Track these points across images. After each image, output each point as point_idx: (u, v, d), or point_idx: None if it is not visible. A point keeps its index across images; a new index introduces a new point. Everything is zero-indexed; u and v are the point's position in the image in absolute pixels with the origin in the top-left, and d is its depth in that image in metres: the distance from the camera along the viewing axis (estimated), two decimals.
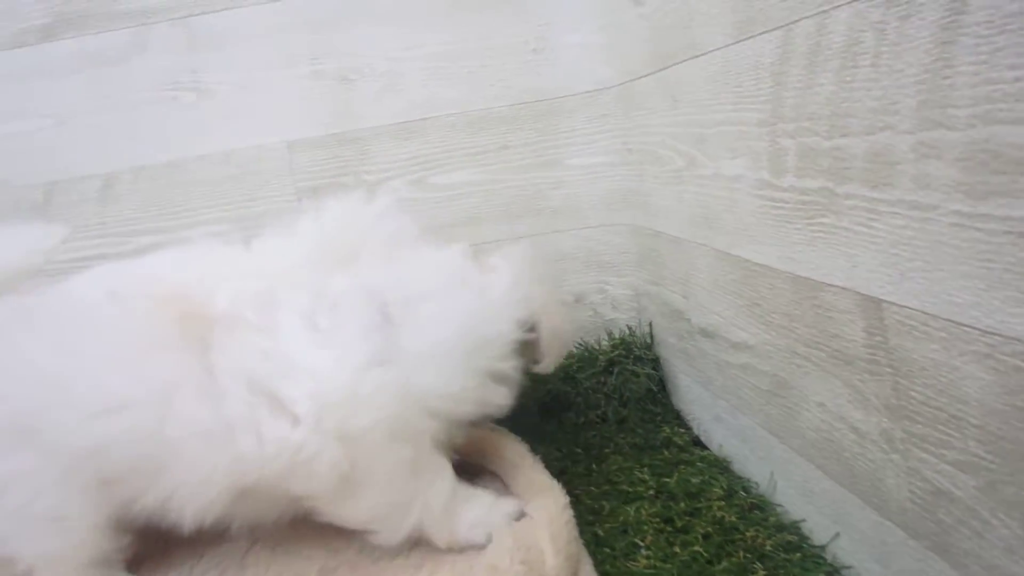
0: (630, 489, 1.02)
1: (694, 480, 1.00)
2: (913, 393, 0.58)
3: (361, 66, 1.37)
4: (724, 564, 0.82)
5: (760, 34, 0.72)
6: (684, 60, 0.93)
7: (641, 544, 0.89)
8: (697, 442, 1.13)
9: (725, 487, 0.97)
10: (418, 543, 0.86)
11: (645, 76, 1.11)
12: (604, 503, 1.00)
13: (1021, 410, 0.48)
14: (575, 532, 0.83)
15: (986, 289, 0.48)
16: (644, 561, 0.86)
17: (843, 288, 0.65)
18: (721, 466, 1.03)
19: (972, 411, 0.52)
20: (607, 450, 1.16)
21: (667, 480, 1.02)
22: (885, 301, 0.59)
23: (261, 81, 1.38)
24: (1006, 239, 0.46)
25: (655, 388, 1.26)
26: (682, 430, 1.16)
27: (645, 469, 1.06)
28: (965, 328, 0.51)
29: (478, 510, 0.85)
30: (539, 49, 1.34)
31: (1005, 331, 0.47)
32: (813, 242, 0.68)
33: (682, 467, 1.05)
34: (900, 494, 0.63)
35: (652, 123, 1.13)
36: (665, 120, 1.06)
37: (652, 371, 1.27)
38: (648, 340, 1.31)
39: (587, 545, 0.88)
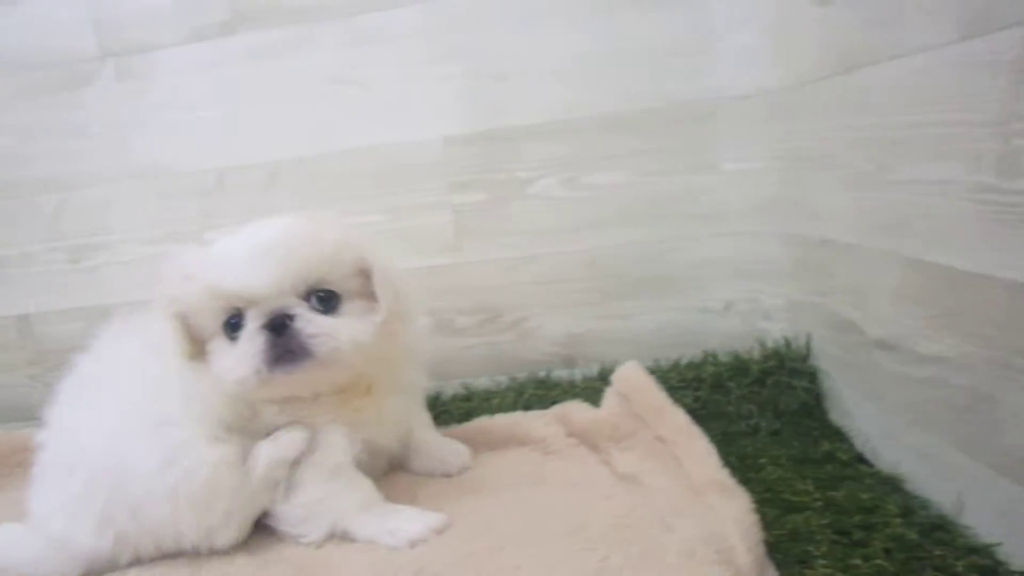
0: (794, 499, 0.96)
1: (864, 496, 0.93)
2: None
3: (517, 65, 1.35)
4: None
5: (998, 30, 0.66)
6: (880, 61, 0.87)
7: (816, 553, 0.83)
8: (861, 459, 1.06)
9: (900, 505, 0.90)
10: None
11: (821, 80, 1.05)
12: (766, 510, 0.94)
13: None
14: (761, 536, 0.78)
15: None
16: (822, 570, 0.80)
17: None
18: (893, 484, 0.96)
19: None
20: (762, 460, 1.09)
21: (834, 494, 0.95)
22: None
23: (419, 78, 1.38)
24: None
25: (811, 402, 1.20)
26: (844, 446, 1.09)
27: (808, 481, 1.00)
28: None
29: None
30: (699, 51, 1.30)
31: None
32: None
33: (848, 482, 0.98)
34: None
35: (825, 127, 1.07)
36: (844, 124, 1.00)
37: (809, 384, 1.20)
38: (804, 352, 1.24)
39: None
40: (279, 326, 0.86)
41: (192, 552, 0.92)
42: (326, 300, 0.90)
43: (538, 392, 1.32)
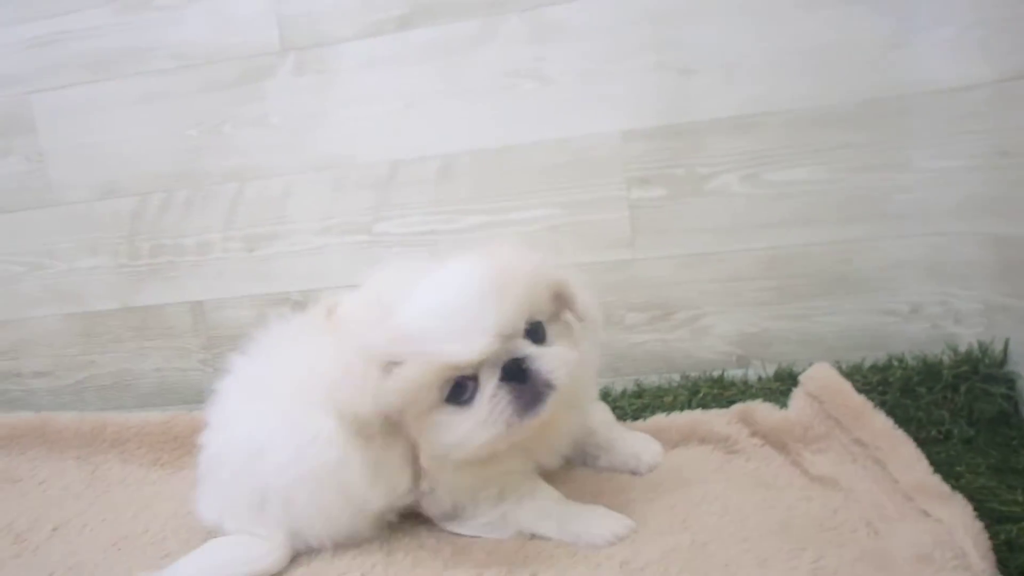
0: (1003, 508, 0.93)
1: None
2: None
3: (703, 58, 1.36)
4: None
5: None
6: None
7: None
8: None
9: None
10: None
11: None
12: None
13: None
14: (990, 543, 0.77)
15: None
16: None
17: None
18: None
19: None
20: (958, 468, 1.06)
21: None
22: None
23: (600, 71, 1.41)
24: None
25: (1010, 409, 1.16)
26: None
27: (1017, 491, 0.97)
28: None
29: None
30: (898, 44, 1.27)
31: None
32: None
33: None
34: None
35: None
36: None
37: (1007, 391, 1.16)
38: (1000, 358, 1.20)
39: None
40: (519, 372, 0.84)
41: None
42: (535, 332, 0.90)
43: (713, 391, 1.32)
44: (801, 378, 1.17)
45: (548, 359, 0.86)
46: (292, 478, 0.93)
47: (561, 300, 0.95)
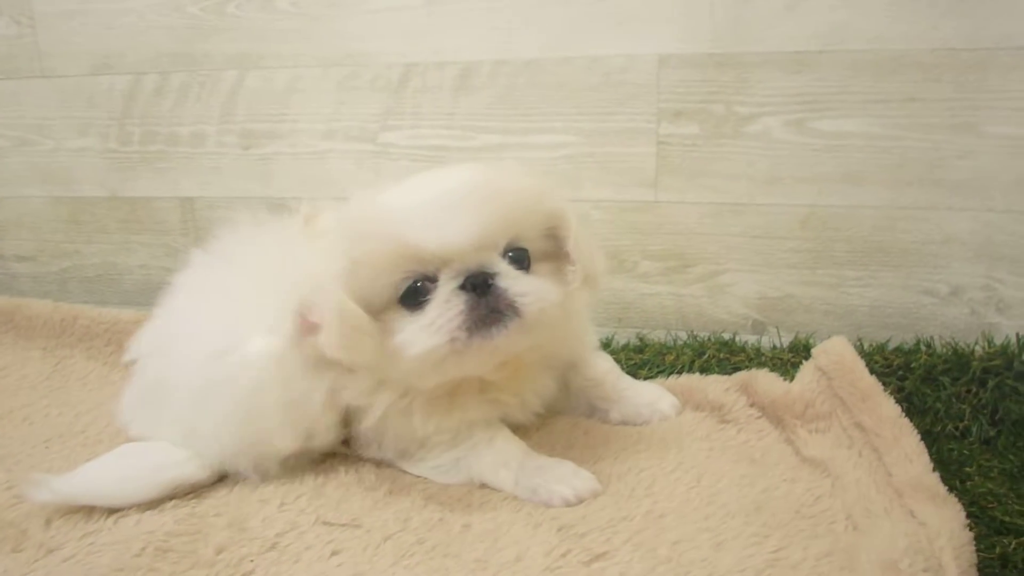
0: (1006, 519, 0.94)
1: None
2: None
3: None
4: None
5: None
6: None
7: None
8: None
9: None
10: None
11: None
12: (971, 528, 0.92)
13: None
14: (975, 557, 0.77)
15: None
16: None
17: None
18: None
19: None
20: (969, 469, 1.07)
21: None
22: None
23: None
24: None
25: None
26: None
27: None
28: None
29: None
30: None
31: None
32: None
33: None
34: None
35: None
36: None
37: None
38: None
39: None
40: (481, 285, 0.84)
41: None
42: (518, 260, 0.89)
43: (720, 355, 1.33)
44: (814, 351, 1.16)
45: (520, 283, 0.86)
46: (199, 388, 0.95)
47: (555, 237, 0.94)
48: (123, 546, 0.86)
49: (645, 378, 1.25)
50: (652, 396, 1.12)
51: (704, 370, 1.28)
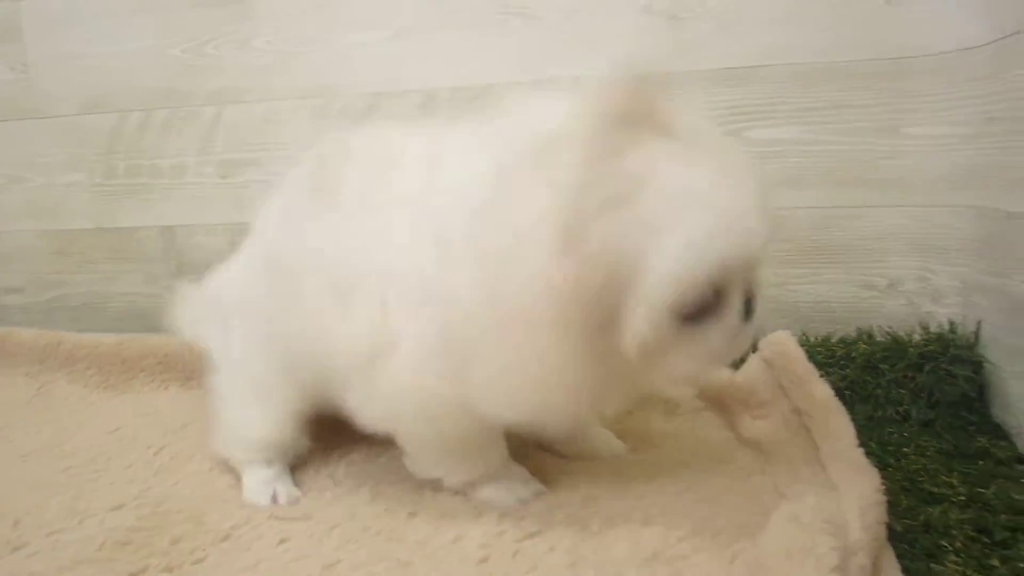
0: (934, 490, 0.94)
1: (1017, 496, 0.90)
2: None
3: (695, 5, 1.35)
4: None
5: None
6: None
7: (949, 548, 0.81)
8: (1021, 460, 1.01)
9: None
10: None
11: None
12: (902, 499, 0.92)
13: None
14: (884, 518, 0.77)
15: None
16: (953, 567, 0.78)
17: None
18: None
19: None
20: (906, 449, 1.07)
21: (982, 491, 0.92)
22: None
23: (588, 13, 1.40)
24: None
25: (972, 394, 1.15)
26: (1003, 443, 1.05)
27: (954, 475, 0.97)
28: None
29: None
30: (896, 1, 1.25)
31: None
32: None
33: (1001, 480, 0.94)
34: None
35: None
36: None
37: (972, 375, 1.15)
38: (971, 339, 1.19)
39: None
40: (750, 309, 0.70)
41: None
42: None
43: None
44: (760, 344, 1.16)
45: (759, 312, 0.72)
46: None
47: None
48: (86, 542, 0.85)
49: None
50: (608, 435, 1.04)
51: None
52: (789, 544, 0.68)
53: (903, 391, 1.18)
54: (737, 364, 1.18)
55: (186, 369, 1.43)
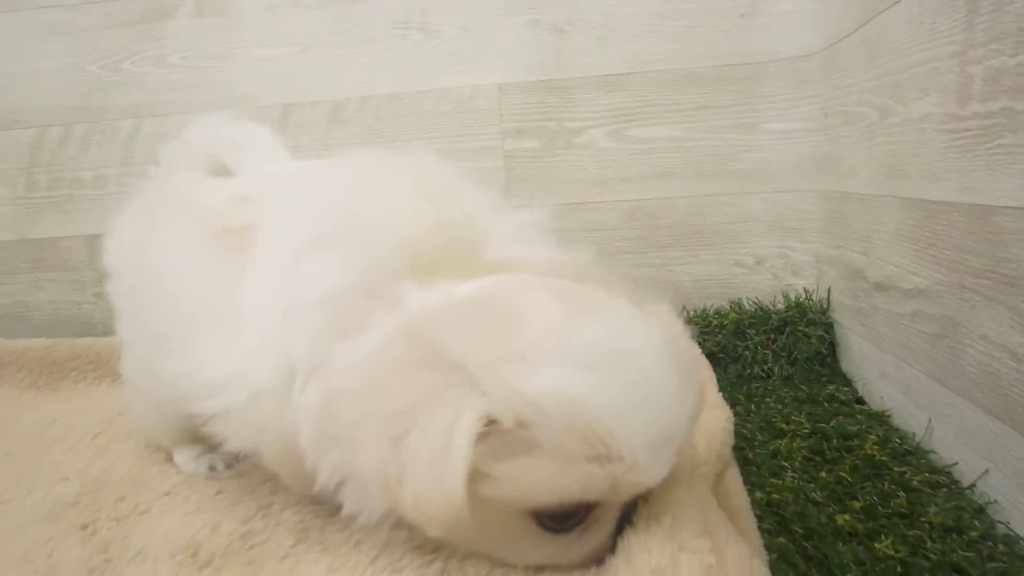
0: (785, 427, 1.09)
1: (851, 428, 1.06)
2: None
3: (576, 19, 1.49)
4: (868, 489, 0.88)
5: None
6: (886, 8, 0.99)
7: (788, 467, 0.96)
8: (860, 401, 1.18)
9: (881, 435, 1.02)
10: None
11: (848, 36, 1.17)
12: (758, 435, 1.07)
13: None
14: (731, 441, 0.91)
15: None
16: (789, 480, 0.93)
17: (1017, 208, 0.70)
18: (880, 419, 1.08)
19: None
20: (768, 400, 1.22)
21: (823, 426, 1.08)
22: None
23: (482, 27, 1.54)
24: None
25: (824, 351, 1.32)
26: (846, 389, 1.21)
27: (803, 415, 1.13)
28: None
29: None
30: (748, 14, 1.42)
31: None
32: (991, 166, 0.74)
33: (840, 418, 1.10)
34: None
35: (850, 82, 1.19)
36: (862, 76, 1.12)
37: (823, 334, 1.32)
38: (824, 305, 1.36)
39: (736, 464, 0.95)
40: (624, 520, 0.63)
41: None
42: None
43: None
44: None
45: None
46: None
47: None
48: (37, 506, 0.94)
49: None
50: None
51: None
52: None
53: (767, 352, 1.34)
54: None
55: (116, 367, 1.50)
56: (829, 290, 1.36)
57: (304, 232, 0.69)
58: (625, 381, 0.56)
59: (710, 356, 1.35)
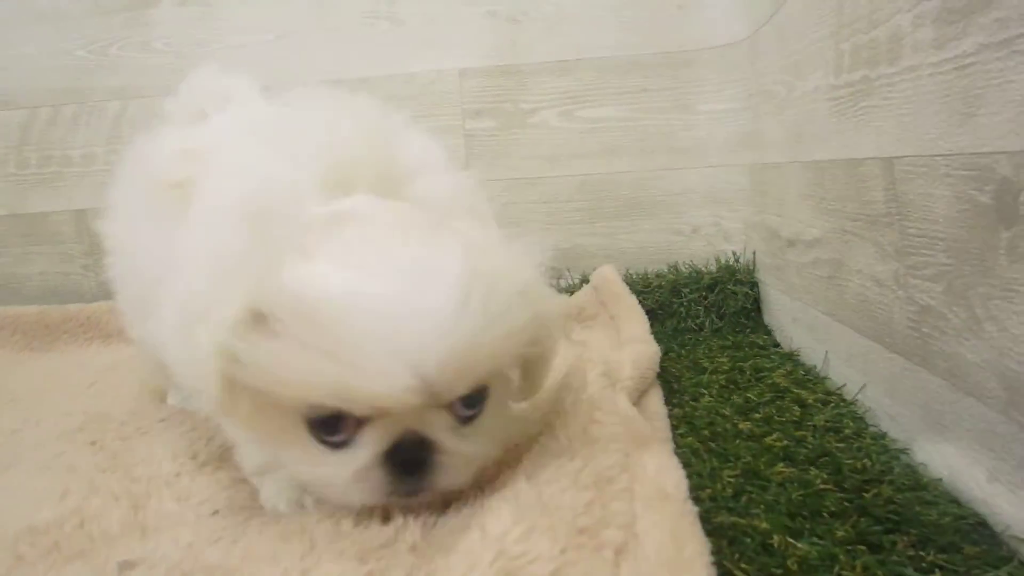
0: (709, 365, 1.24)
1: (765, 364, 1.20)
2: (910, 229, 0.79)
3: (530, 9, 1.64)
4: (769, 406, 1.03)
5: None
6: None
7: (706, 392, 1.11)
8: (777, 345, 1.33)
9: (789, 369, 1.17)
10: None
11: (766, 24, 1.32)
12: (685, 373, 1.22)
13: (965, 211, 0.68)
14: (655, 368, 1.06)
15: (946, 119, 0.69)
16: (705, 402, 1.07)
17: (873, 158, 0.85)
18: (791, 357, 1.23)
19: (940, 227, 0.72)
20: (699, 349, 1.37)
21: (741, 364, 1.22)
22: (895, 157, 0.79)
23: (444, 16, 1.68)
24: (954, 75, 0.66)
25: (750, 306, 1.48)
26: (766, 337, 1.37)
27: (725, 357, 1.28)
28: (935, 158, 0.71)
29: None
30: (685, 6, 1.58)
31: (956, 150, 0.67)
32: (857, 126, 0.89)
33: (756, 359, 1.25)
34: (902, 325, 0.83)
35: (767, 65, 1.34)
36: (775, 59, 1.27)
37: (748, 291, 1.48)
38: (751, 267, 1.51)
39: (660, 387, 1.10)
40: (412, 461, 0.62)
41: None
42: (471, 403, 0.64)
43: None
44: (591, 276, 1.46)
45: (457, 463, 0.63)
46: None
47: (530, 357, 0.72)
48: (46, 433, 1.06)
49: None
50: None
51: None
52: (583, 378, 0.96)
53: (699, 308, 1.50)
54: (572, 291, 1.49)
55: (106, 329, 1.63)
56: (755, 253, 1.51)
57: (227, 196, 0.70)
58: (385, 290, 0.57)
59: (649, 312, 1.48)
